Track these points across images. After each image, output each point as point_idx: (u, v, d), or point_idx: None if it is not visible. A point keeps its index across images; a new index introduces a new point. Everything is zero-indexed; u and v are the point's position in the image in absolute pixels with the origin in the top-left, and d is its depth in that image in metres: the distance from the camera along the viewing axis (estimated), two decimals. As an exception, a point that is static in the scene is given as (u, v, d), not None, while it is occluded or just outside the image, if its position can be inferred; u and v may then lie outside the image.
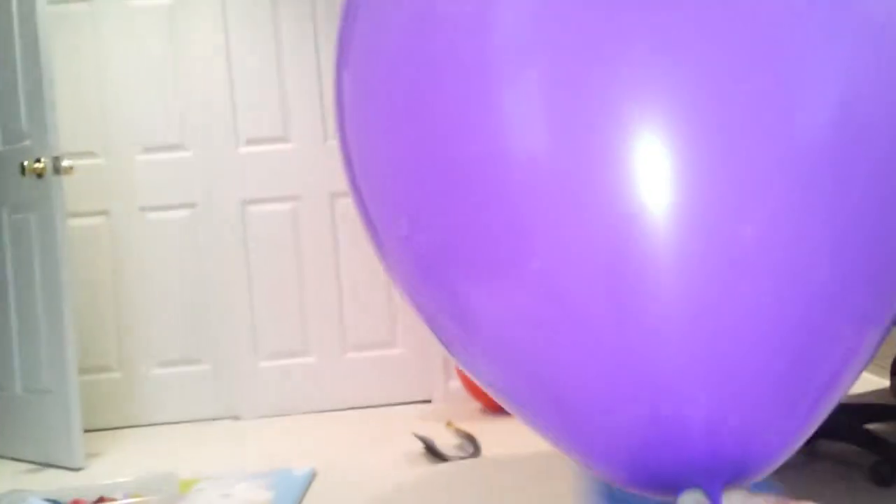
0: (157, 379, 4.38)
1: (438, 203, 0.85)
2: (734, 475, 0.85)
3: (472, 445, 3.32)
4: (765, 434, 0.86)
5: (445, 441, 3.35)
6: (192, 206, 4.39)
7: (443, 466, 3.21)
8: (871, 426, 2.72)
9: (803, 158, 0.76)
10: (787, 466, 2.83)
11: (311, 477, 3.18)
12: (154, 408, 4.37)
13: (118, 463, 3.70)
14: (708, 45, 0.75)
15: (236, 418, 4.33)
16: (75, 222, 4.06)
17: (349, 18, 1.04)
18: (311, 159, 4.39)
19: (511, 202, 0.79)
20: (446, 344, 0.98)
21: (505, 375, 0.92)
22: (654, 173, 0.74)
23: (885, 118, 0.79)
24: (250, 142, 4.37)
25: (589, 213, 0.76)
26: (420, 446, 3.33)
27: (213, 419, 4.34)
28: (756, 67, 0.77)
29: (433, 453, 3.28)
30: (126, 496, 2.80)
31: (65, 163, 3.63)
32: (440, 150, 0.85)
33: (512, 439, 3.50)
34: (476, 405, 4.09)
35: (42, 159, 3.60)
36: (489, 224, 0.81)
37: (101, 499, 2.80)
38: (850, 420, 2.85)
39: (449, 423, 3.49)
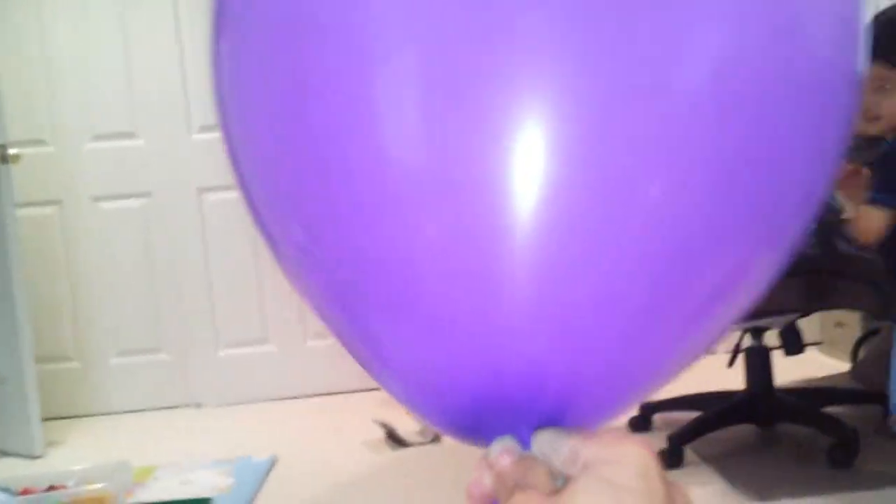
0: (116, 368, 4.32)
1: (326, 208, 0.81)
2: (550, 419, 0.80)
3: (432, 431, 3.30)
4: (592, 385, 0.82)
5: (406, 427, 3.33)
6: (146, 194, 4.31)
7: (404, 452, 3.18)
8: (829, 409, 2.73)
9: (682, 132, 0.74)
10: (746, 449, 2.86)
11: (272, 464, 3.15)
12: (114, 396, 4.31)
13: (78, 451, 3.65)
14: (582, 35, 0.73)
15: (197, 406, 4.28)
16: (26, 212, 3.98)
17: None
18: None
19: (391, 205, 0.75)
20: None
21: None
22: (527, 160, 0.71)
23: (769, 66, 0.78)
24: (204, 129, 4.28)
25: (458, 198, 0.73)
26: (381, 432, 3.31)
27: (174, 407, 4.29)
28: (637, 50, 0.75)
29: (394, 439, 3.25)
30: (77, 484, 2.75)
31: (11, 151, 3.55)
32: (318, 149, 0.81)
33: (473, 425, 3.49)
34: (438, 391, 4.07)
35: (-13, 147, 3.52)
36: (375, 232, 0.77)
37: (52, 487, 2.76)
38: (808, 404, 2.87)
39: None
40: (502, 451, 0.60)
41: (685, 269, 0.80)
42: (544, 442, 0.59)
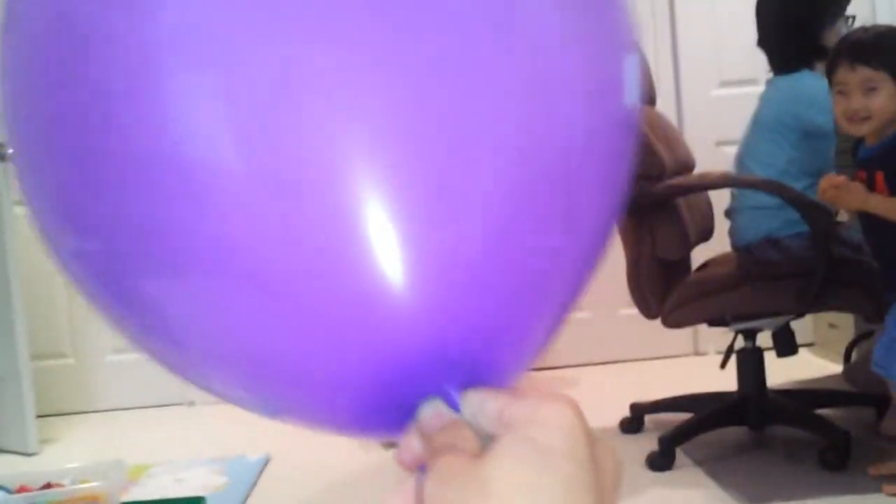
0: (111, 365, 4.32)
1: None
2: (470, 378, 0.78)
3: (426, 431, 3.29)
4: (502, 337, 0.80)
5: (400, 426, 3.32)
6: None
7: (396, 452, 3.17)
8: (821, 411, 2.73)
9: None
10: (738, 451, 2.85)
11: (266, 463, 3.15)
12: (108, 394, 4.31)
13: (72, 448, 3.65)
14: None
15: (191, 404, 4.27)
16: (22, 210, 3.95)
17: None
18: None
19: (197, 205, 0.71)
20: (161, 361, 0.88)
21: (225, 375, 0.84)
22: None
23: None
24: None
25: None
26: (375, 432, 3.30)
27: (168, 405, 4.28)
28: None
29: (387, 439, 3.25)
30: (73, 482, 2.74)
31: (10, 150, 3.54)
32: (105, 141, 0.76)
33: (467, 425, 3.48)
34: (432, 390, 4.06)
35: (-13, 146, 3.52)
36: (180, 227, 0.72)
37: (48, 485, 2.75)
38: (800, 405, 2.86)
39: (404, 409, 3.46)
40: (431, 414, 0.59)
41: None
42: (472, 403, 0.57)
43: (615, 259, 3.04)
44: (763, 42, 2.75)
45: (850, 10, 2.72)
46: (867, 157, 2.27)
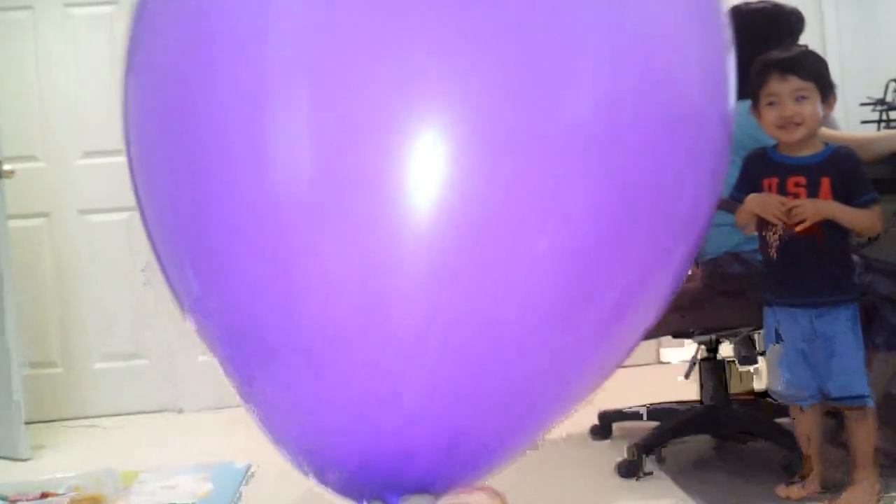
0: (99, 373, 4.33)
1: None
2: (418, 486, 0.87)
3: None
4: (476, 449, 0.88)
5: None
6: (132, 209, 4.28)
7: (378, 459, 3.19)
8: (782, 420, 2.77)
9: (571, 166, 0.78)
10: (703, 460, 2.88)
11: (251, 470, 3.15)
12: (97, 401, 4.31)
13: (63, 454, 3.66)
14: (479, 60, 0.75)
15: (179, 411, 4.28)
16: (16, 224, 3.97)
17: (137, 20, 0.98)
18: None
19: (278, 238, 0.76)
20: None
21: None
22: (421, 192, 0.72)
23: (649, 107, 0.83)
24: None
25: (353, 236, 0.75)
26: (356, 439, 3.32)
27: (156, 412, 4.29)
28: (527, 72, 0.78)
29: (369, 446, 3.26)
30: (68, 491, 2.74)
31: (6, 167, 3.59)
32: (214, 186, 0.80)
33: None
34: (410, 398, 4.08)
35: (-18, 163, 3.54)
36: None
37: (44, 494, 2.75)
38: (762, 415, 2.90)
39: (384, 417, 3.47)
40: None
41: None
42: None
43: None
44: None
45: (802, 40, 2.77)
46: (808, 163, 2.31)
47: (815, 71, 2.31)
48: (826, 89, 2.31)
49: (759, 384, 3.33)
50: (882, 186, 2.40)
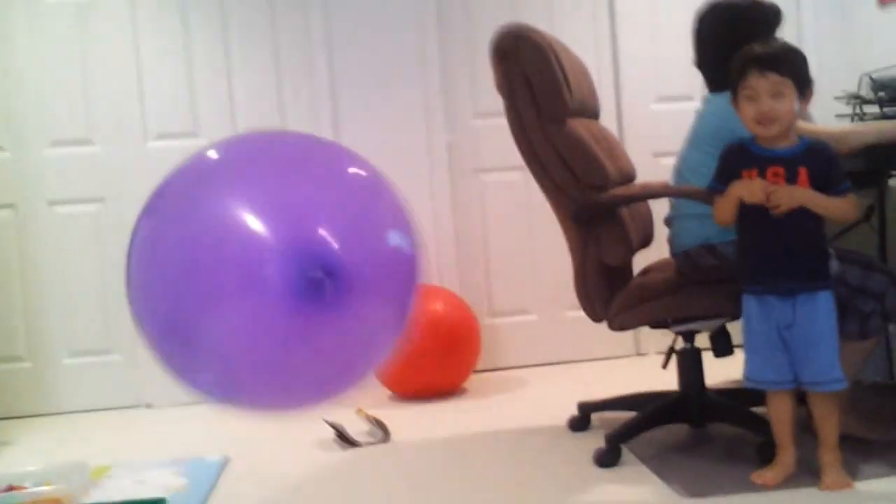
0: (69, 368, 4.28)
1: None
2: None
3: (381, 431, 3.31)
4: None
5: (355, 427, 3.34)
6: (100, 200, 4.29)
7: (353, 452, 3.19)
8: (757, 409, 2.79)
9: None
10: (680, 448, 2.91)
11: (224, 464, 3.14)
12: (67, 397, 4.27)
13: (31, 450, 3.62)
14: None
15: (148, 406, 4.25)
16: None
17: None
18: (221, 153, 4.32)
19: None
20: None
21: None
22: None
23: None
24: (159, 136, 4.29)
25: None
26: (331, 433, 3.31)
27: (126, 407, 4.25)
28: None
29: (344, 439, 3.26)
30: (36, 484, 2.72)
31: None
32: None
33: (421, 425, 3.51)
34: (385, 392, 4.08)
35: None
36: None
37: (11, 487, 2.72)
38: (737, 403, 2.92)
39: (359, 410, 3.47)
40: None
41: None
42: None
43: (562, 264, 3.09)
44: (699, 62, 2.83)
45: (777, 33, 2.79)
46: (786, 155, 2.35)
47: (793, 68, 2.37)
48: (803, 85, 2.37)
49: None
50: (856, 179, 2.45)
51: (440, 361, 3.91)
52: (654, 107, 4.51)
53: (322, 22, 4.30)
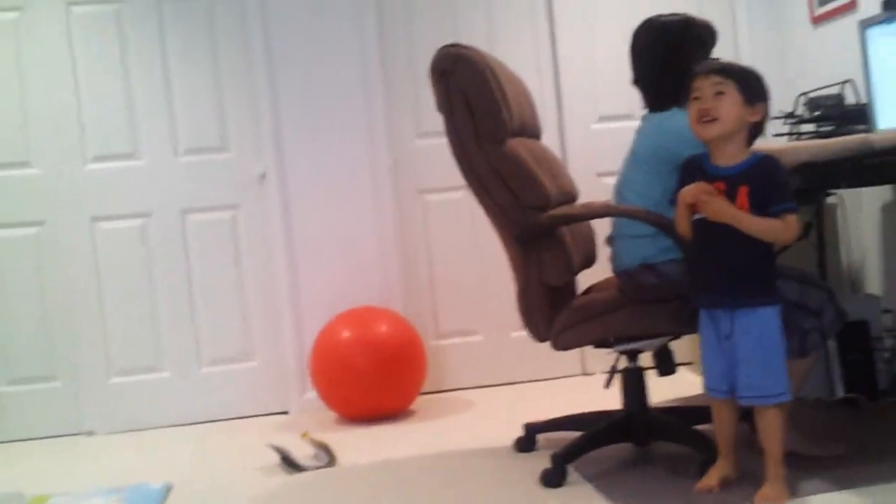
0: (8, 396, 4.20)
1: None
2: None
3: (327, 455, 3.29)
4: None
5: (301, 451, 3.31)
6: (40, 223, 4.23)
7: (298, 477, 3.16)
8: (700, 427, 2.81)
9: None
10: (625, 467, 2.91)
11: (168, 491, 3.10)
12: (6, 425, 4.18)
13: (-32, 482, 3.54)
14: None
15: (89, 434, 4.19)
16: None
17: None
18: (161, 176, 4.29)
19: None
20: None
21: None
22: None
23: None
24: (98, 158, 4.25)
25: None
26: (275, 457, 3.29)
27: (67, 435, 4.19)
28: None
29: (289, 464, 3.23)
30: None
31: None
32: None
33: (367, 448, 3.49)
34: (332, 415, 4.06)
35: None
36: None
37: (-50, 520, 2.67)
38: (680, 422, 2.95)
39: (304, 434, 3.45)
40: None
41: None
42: None
43: (507, 284, 3.11)
44: (638, 81, 2.86)
45: (715, 53, 2.83)
46: (729, 173, 2.38)
47: (738, 75, 2.42)
48: (752, 96, 2.41)
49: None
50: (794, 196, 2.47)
51: (385, 383, 3.90)
52: (595, 126, 4.55)
53: (263, 42, 4.28)
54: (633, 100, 2.99)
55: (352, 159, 4.36)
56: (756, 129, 2.44)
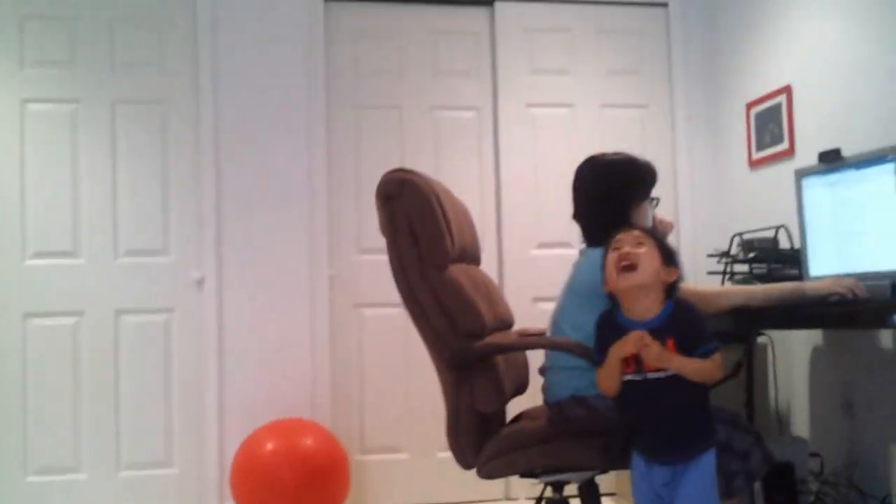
0: None
1: None
2: None
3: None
4: None
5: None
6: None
7: None
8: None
9: None
10: None
11: None
12: None
13: None
14: None
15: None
16: None
17: None
18: (98, 275, 4.25)
19: None
20: None
21: None
22: None
23: None
24: (38, 255, 4.21)
25: None
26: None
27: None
28: None
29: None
30: None
31: None
32: None
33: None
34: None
35: None
36: None
37: None
38: None
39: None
40: None
41: None
42: None
43: (436, 404, 3.09)
44: (577, 216, 2.90)
45: (656, 192, 2.90)
46: (649, 326, 2.39)
47: (657, 236, 2.48)
48: (668, 256, 2.45)
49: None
50: (725, 335, 2.52)
51: (307, 498, 3.82)
52: (534, 252, 4.61)
53: (213, 151, 4.31)
54: (572, 228, 3.04)
55: (291, 270, 4.36)
56: (669, 291, 2.46)
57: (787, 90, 4.06)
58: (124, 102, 4.34)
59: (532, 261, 4.59)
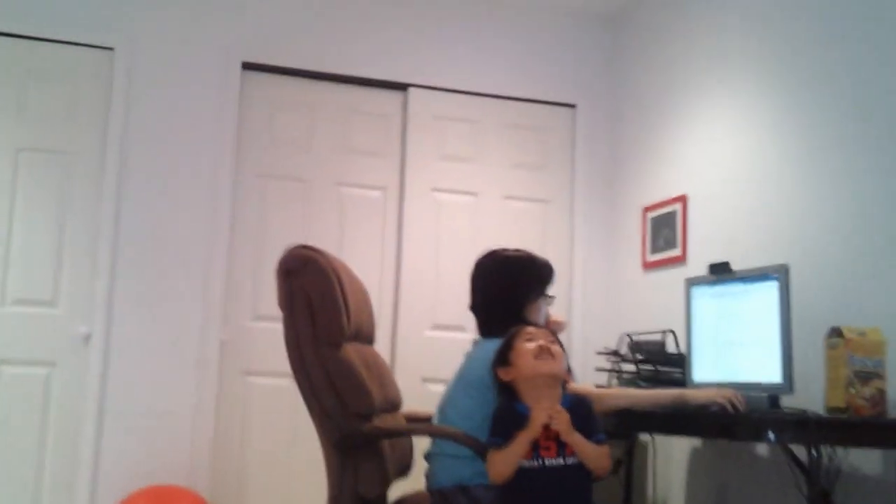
0: None
1: None
2: None
3: None
4: None
5: None
6: None
7: None
8: None
9: None
10: None
11: None
12: None
13: None
14: None
15: None
16: None
17: None
18: None
19: None
20: None
21: None
22: None
23: None
24: (16, 302, 4.18)
25: None
26: None
27: None
28: None
29: None
30: None
31: None
32: None
33: None
34: None
35: None
36: None
37: None
38: None
39: None
40: None
41: None
42: None
43: (319, 479, 3.04)
44: (473, 308, 2.94)
45: (553, 290, 2.96)
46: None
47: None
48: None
49: None
50: (607, 432, 2.58)
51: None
52: (428, 333, 4.63)
53: (114, 206, 4.26)
54: (468, 313, 3.06)
55: (182, 331, 4.29)
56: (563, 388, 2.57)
57: (682, 199, 4.20)
58: (29, 150, 4.25)
59: (426, 342, 4.61)
